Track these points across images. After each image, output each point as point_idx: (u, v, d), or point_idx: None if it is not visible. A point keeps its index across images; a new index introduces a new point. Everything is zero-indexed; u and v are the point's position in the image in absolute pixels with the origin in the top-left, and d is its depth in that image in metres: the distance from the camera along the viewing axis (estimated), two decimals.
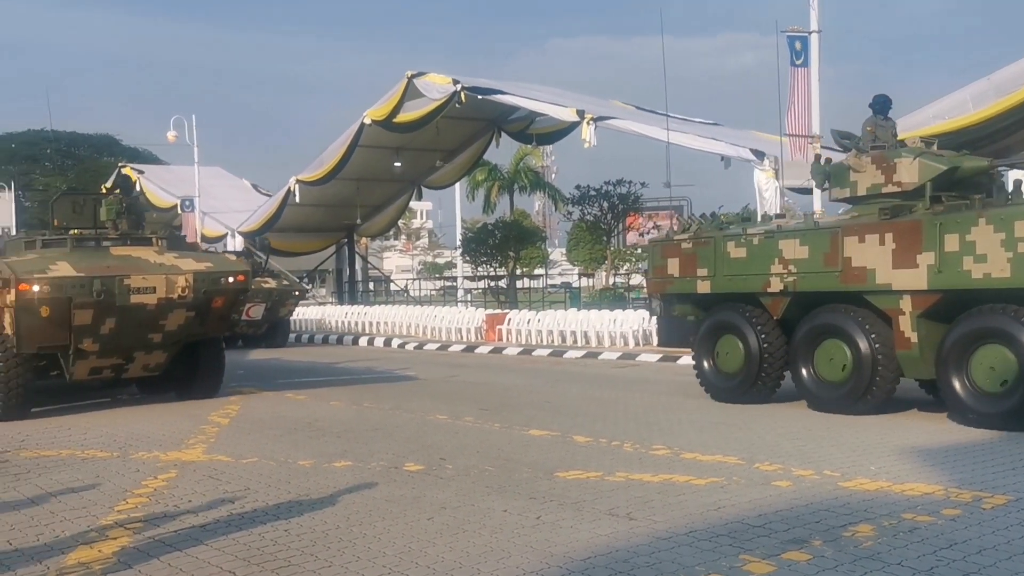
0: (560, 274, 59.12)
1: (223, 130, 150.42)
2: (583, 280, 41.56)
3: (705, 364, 12.00)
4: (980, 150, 13.94)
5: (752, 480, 7.08)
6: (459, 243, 39.62)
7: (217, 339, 13.10)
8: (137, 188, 14.01)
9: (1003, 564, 4.96)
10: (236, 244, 32.09)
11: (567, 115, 23.54)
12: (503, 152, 40.85)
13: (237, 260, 13.61)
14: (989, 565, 4.95)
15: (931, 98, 18.36)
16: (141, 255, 11.98)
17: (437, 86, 26.04)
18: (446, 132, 29.78)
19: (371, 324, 27.79)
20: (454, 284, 45.51)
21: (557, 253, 59.63)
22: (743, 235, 11.31)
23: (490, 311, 25.75)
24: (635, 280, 36.69)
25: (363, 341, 25.58)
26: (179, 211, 33.95)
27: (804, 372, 10.76)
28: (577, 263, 42.65)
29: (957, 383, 9.36)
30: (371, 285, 44.83)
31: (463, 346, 22.63)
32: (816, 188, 13.86)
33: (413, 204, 45.71)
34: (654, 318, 19.92)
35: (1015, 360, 8.89)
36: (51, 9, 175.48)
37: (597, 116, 22.24)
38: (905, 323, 9.84)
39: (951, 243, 9.26)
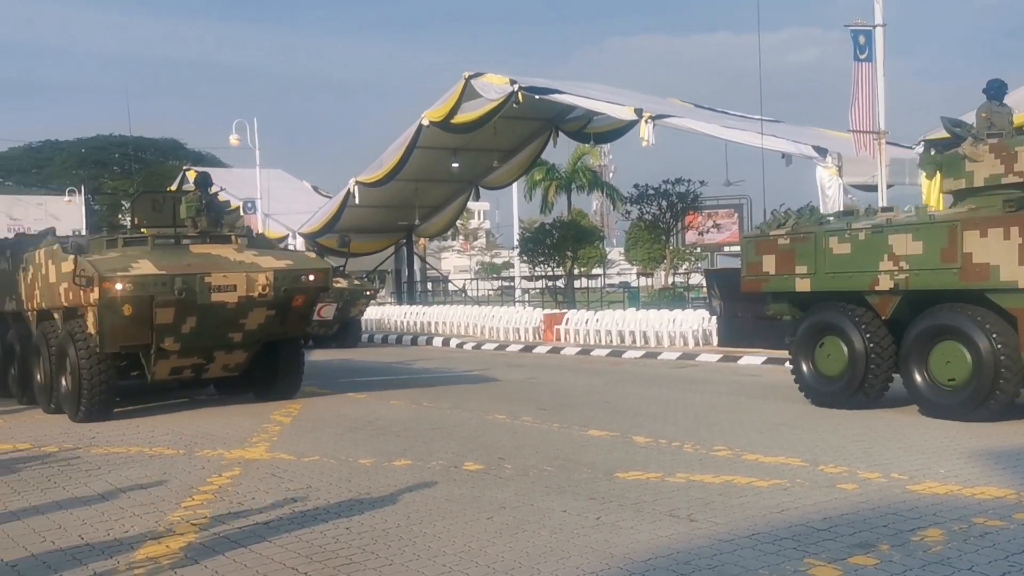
0: (618, 274, 58.89)
1: (284, 133, 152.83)
2: (642, 280, 41.29)
3: (804, 367, 11.32)
4: None
5: (816, 482, 6.96)
6: (517, 243, 39.59)
7: (297, 339, 12.99)
8: (216, 186, 13.58)
9: None
10: (298, 246, 32.52)
11: (625, 114, 23.40)
12: (560, 151, 40.64)
13: (317, 258, 13.35)
14: None
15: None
16: (221, 253, 11.91)
17: (494, 86, 26.09)
18: (503, 132, 29.84)
19: (429, 324, 27.97)
20: (512, 284, 45.59)
21: (615, 253, 59.31)
22: (847, 229, 10.67)
23: (548, 311, 25.73)
24: (694, 279, 36.36)
25: (421, 341, 25.75)
26: (241, 213, 34.53)
27: (917, 376, 10.06)
28: (635, 262, 42.36)
29: None
30: (429, 285, 45.10)
31: (521, 346, 22.65)
32: (927, 179, 13.34)
33: (471, 205, 45.92)
34: (714, 318, 19.87)
35: None
36: (114, 15, 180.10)
37: (655, 114, 22.06)
38: None
39: None
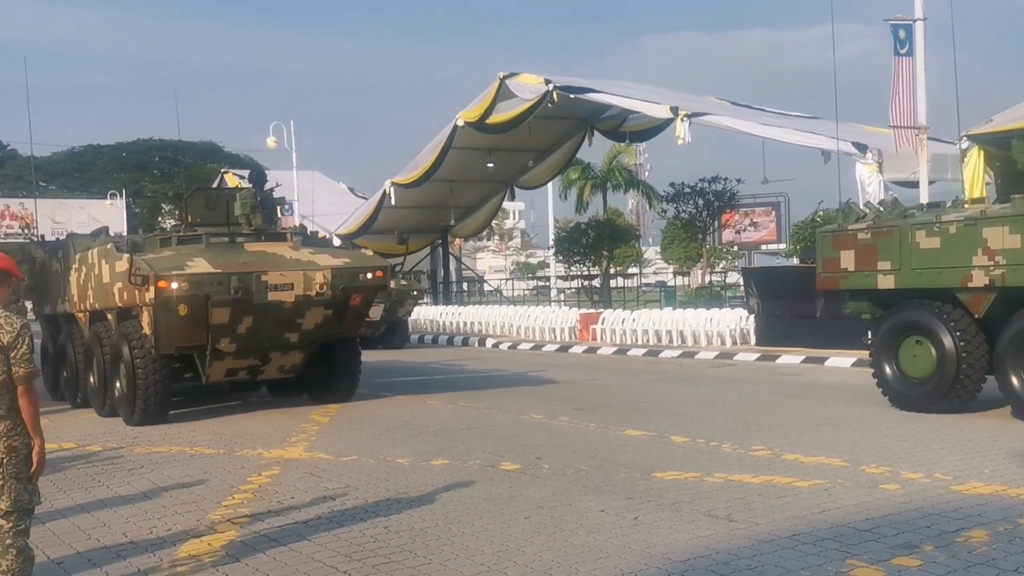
0: (654, 273, 58.53)
1: (321, 135, 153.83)
2: (678, 279, 41.06)
3: (887, 369, 10.69)
4: None
5: (858, 483, 6.87)
6: (552, 243, 39.59)
7: (353, 339, 12.63)
8: (272, 183, 13.05)
9: None
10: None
11: (661, 112, 23.28)
12: (596, 151, 40.52)
13: (374, 256, 12.92)
14: None
15: None
16: (276, 251, 11.59)
17: (529, 86, 26.07)
18: (538, 132, 29.79)
19: (465, 324, 28.02)
20: (547, 284, 45.53)
21: (651, 252, 58.96)
22: (936, 223, 10.06)
23: (584, 311, 25.66)
24: (731, 278, 36.09)
25: (457, 341, 25.81)
26: (279, 215, 34.80)
27: (1015, 380, 9.50)
28: (672, 261, 42.09)
29: None
30: (465, 285, 45.20)
31: (557, 346, 22.62)
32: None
33: (506, 204, 45.90)
34: (752, 317, 19.71)
35: None
36: (165, 22, 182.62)
37: (691, 112, 21.92)
38: None
39: None
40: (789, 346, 17.82)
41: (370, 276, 11.64)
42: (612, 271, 36.63)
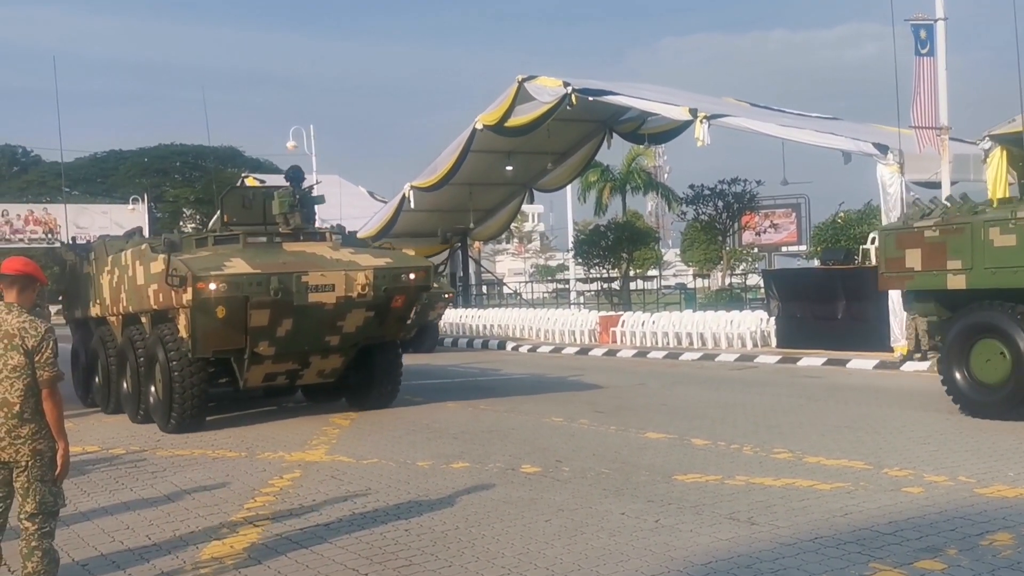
0: (674, 275, 58.36)
1: (339, 139, 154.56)
2: (698, 281, 40.92)
3: (957, 374, 10.17)
4: None
5: (881, 486, 6.83)
6: (571, 245, 39.53)
7: (394, 343, 12.21)
8: (311, 179, 12.19)
9: None
10: None
11: (679, 114, 23.19)
12: (615, 153, 40.40)
13: (416, 255, 12.42)
14: None
15: None
16: (316, 251, 11.21)
17: (548, 89, 26.05)
18: (557, 134, 29.77)
19: (485, 327, 28.04)
20: (567, 287, 45.47)
21: (671, 254, 58.90)
22: (1012, 219, 9.55)
23: (604, 313, 25.62)
24: (752, 280, 35.94)
25: (477, 344, 25.83)
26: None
27: None
28: (691, 264, 42.00)
29: None
30: (484, 288, 45.24)
31: (577, 348, 22.60)
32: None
33: (525, 207, 45.92)
34: (772, 319, 19.61)
35: None
36: (186, 27, 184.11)
37: (710, 114, 21.84)
38: None
39: None
40: (810, 348, 17.72)
41: (412, 276, 11.27)
42: (632, 273, 36.56)
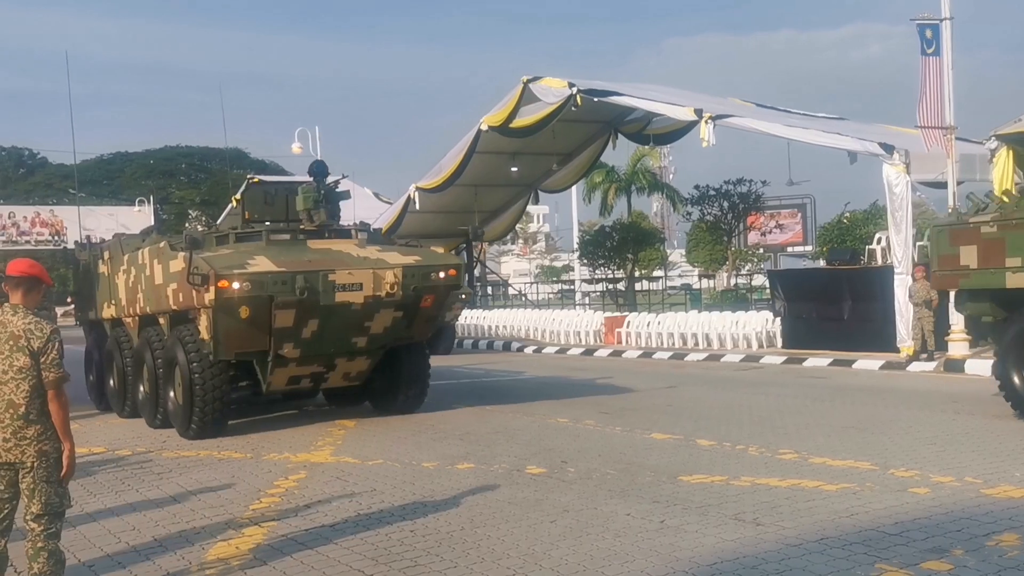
0: (679, 276, 58.37)
1: (345, 140, 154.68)
2: (703, 281, 40.92)
3: (1015, 377, 9.73)
4: None
5: (887, 486, 6.81)
6: (576, 246, 39.56)
7: (422, 344, 11.80)
8: (335, 175, 11.72)
9: None
10: None
11: (685, 115, 23.18)
12: (620, 154, 40.34)
13: (446, 253, 12.12)
14: None
15: None
16: (342, 248, 10.72)
17: (553, 90, 26.05)
18: (562, 135, 29.76)
19: (490, 328, 28.04)
20: (572, 287, 45.49)
21: (676, 254, 58.86)
22: None
23: (609, 314, 25.61)
24: (757, 281, 35.90)
25: (482, 345, 25.83)
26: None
27: None
28: (697, 264, 42.01)
29: None
30: (489, 289, 45.23)
31: (582, 349, 22.59)
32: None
33: (530, 208, 45.88)
34: (778, 319, 19.58)
35: None
36: (193, 29, 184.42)
37: (715, 115, 21.83)
38: None
39: None
40: (816, 349, 17.70)
41: (442, 275, 10.87)
42: (637, 274, 36.56)
